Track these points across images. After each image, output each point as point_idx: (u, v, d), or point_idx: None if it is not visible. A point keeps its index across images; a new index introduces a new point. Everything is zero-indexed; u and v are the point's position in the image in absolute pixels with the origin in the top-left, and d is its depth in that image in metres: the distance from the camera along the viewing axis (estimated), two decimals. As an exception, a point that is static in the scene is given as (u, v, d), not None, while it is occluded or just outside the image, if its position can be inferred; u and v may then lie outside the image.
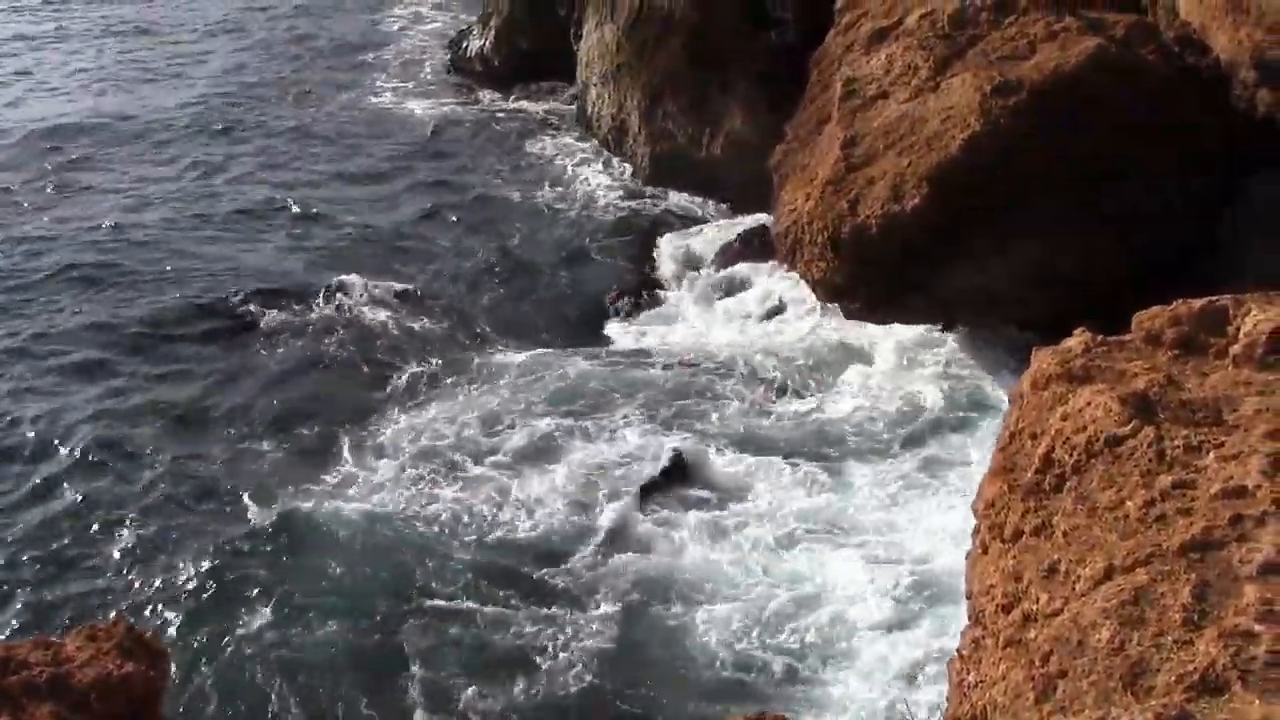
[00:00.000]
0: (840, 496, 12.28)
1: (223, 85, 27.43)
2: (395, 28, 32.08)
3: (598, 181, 21.13)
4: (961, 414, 13.51)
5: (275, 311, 16.50)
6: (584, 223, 19.60)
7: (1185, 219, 12.51)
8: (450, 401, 14.30)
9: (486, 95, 26.35)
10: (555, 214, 19.93)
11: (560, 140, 23.28)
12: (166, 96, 26.70)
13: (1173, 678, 4.29)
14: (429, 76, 27.89)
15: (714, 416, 13.83)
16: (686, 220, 19.42)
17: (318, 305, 16.71)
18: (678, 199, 19.88)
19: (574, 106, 23.77)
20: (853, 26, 14.91)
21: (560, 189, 20.97)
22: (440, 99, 26.31)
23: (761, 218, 17.65)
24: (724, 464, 12.86)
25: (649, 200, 20.07)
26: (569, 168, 21.90)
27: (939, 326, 14.83)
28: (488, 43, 26.95)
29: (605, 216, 19.77)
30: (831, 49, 15.20)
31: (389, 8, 34.17)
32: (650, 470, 12.73)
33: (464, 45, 27.86)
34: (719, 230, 18.70)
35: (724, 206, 19.43)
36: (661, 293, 17.09)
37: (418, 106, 25.67)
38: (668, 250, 18.41)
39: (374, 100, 26.19)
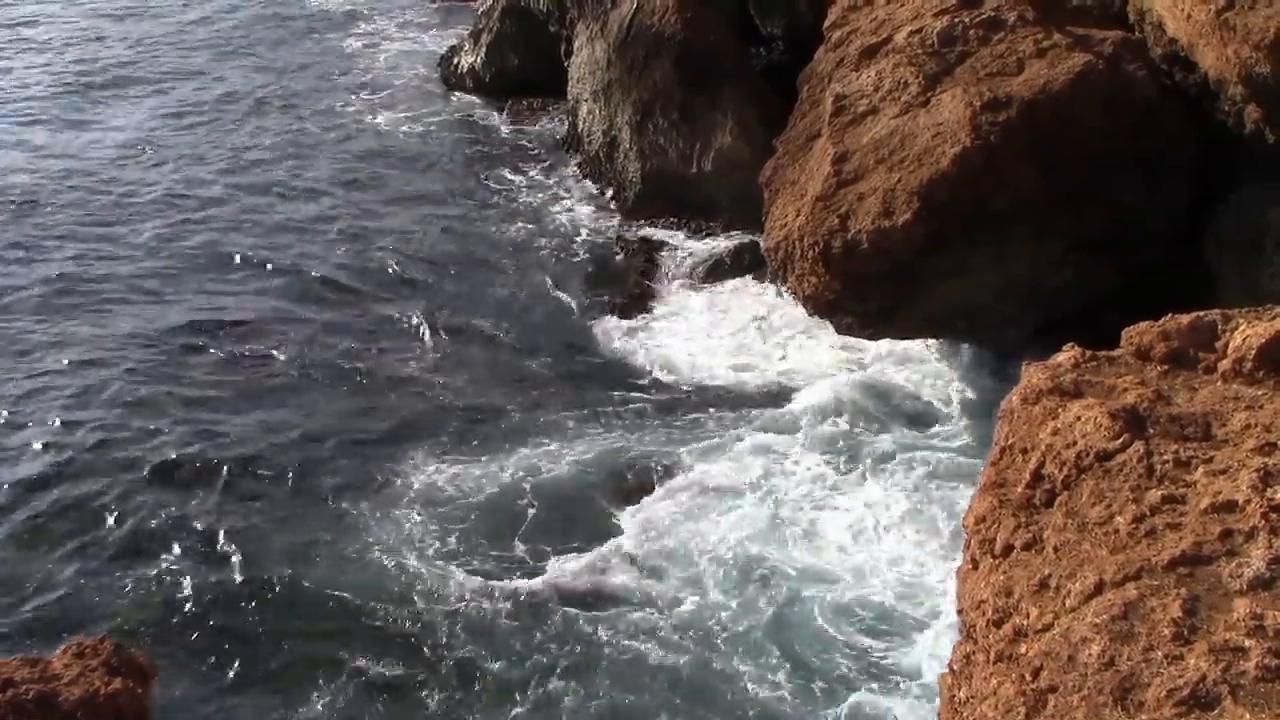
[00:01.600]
0: (836, 505, 12.37)
1: (190, 108, 26.76)
2: (366, 47, 31.43)
3: (587, 200, 21.09)
4: (954, 427, 13.55)
5: (249, 346, 16.35)
6: (572, 242, 19.53)
7: (1172, 233, 12.57)
8: (458, 436, 14.25)
9: (477, 111, 26.28)
10: (543, 235, 19.81)
11: (550, 158, 23.21)
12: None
13: (1163, 692, 4.29)
14: (415, 95, 27.69)
15: (708, 431, 13.86)
16: (677, 236, 19.39)
17: (307, 340, 16.52)
18: (668, 213, 19.82)
19: (565, 123, 23.76)
20: (842, 43, 14.95)
21: (549, 208, 20.87)
22: (429, 115, 26.19)
23: (753, 234, 17.68)
24: (720, 477, 12.95)
25: (639, 216, 19.99)
26: (558, 186, 21.84)
27: (929, 341, 14.86)
28: (479, 59, 26.99)
29: (594, 235, 19.72)
30: (821, 65, 15.24)
31: (356, 26, 33.66)
32: (657, 487, 12.89)
33: (455, 62, 27.85)
34: (709, 246, 18.71)
35: (715, 222, 19.41)
36: (652, 311, 17.06)
37: (407, 125, 25.54)
38: (659, 267, 18.40)
39: (359, 121, 25.90)
